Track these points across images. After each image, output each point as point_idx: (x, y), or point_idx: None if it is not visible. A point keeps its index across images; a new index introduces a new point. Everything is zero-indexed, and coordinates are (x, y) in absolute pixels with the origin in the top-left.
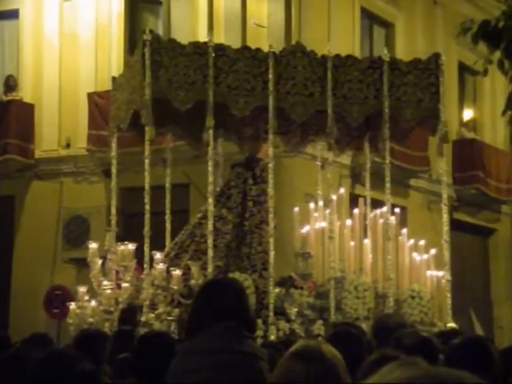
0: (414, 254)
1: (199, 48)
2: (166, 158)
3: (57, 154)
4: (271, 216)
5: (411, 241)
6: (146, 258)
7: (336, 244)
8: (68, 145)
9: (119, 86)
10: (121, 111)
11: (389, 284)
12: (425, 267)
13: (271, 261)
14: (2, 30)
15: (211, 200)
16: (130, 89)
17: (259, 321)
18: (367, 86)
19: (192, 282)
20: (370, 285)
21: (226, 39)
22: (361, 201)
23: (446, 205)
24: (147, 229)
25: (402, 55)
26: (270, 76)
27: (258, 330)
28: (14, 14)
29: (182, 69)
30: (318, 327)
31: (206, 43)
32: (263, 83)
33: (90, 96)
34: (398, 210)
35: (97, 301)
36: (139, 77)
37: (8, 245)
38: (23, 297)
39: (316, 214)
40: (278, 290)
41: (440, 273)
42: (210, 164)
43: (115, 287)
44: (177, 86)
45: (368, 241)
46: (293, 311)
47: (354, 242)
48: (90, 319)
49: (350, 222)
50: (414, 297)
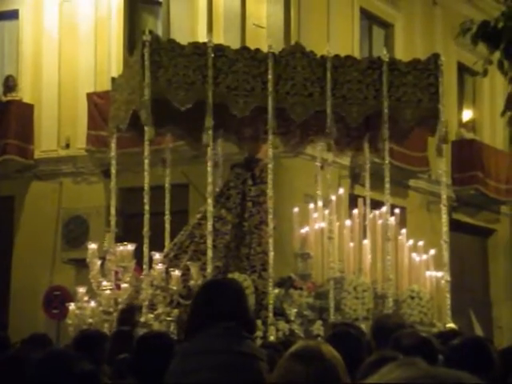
0: (414, 254)
1: (198, 48)
2: (165, 158)
3: (56, 154)
4: (270, 216)
5: (410, 241)
6: (146, 259)
7: (335, 244)
8: (67, 145)
9: (118, 87)
10: (120, 111)
11: (388, 284)
12: (424, 268)
13: (270, 261)
14: (2, 30)
15: (210, 200)
16: (130, 89)
17: (259, 321)
18: (366, 86)
19: (191, 282)
20: (369, 285)
21: (226, 40)
22: (360, 201)
23: (446, 205)
24: (146, 229)
25: (401, 56)
26: (270, 76)
27: (257, 331)
28: (13, 15)
29: (182, 69)
30: (318, 328)
31: (205, 44)
32: (262, 84)
33: (90, 96)
34: (397, 211)
35: (96, 301)
36: (138, 77)
37: (7, 245)
38: (23, 297)
39: (315, 215)
40: (277, 291)
41: (439, 273)
42: (209, 164)
43: (114, 288)
44: (176, 86)
45: (367, 241)
46: (292, 312)
47: (353, 243)
48: (90, 320)
49: (349, 223)
50: (413, 297)
